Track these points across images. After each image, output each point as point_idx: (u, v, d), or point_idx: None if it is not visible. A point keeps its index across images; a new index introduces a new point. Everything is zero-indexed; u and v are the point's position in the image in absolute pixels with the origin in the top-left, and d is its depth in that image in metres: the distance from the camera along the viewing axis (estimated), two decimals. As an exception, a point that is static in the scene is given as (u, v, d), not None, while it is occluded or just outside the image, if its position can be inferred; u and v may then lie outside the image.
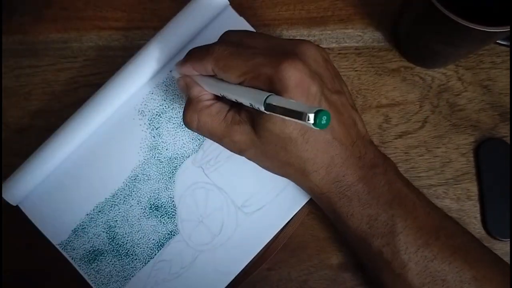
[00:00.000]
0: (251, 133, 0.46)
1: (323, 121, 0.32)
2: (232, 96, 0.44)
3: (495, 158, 0.55)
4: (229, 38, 0.48)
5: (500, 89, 0.57)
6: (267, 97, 0.37)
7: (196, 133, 0.54)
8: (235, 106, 0.47)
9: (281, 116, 0.35)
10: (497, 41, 0.54)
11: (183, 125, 0.54)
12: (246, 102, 0.41)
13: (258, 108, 0.39)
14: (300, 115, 0.33)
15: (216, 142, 0.49)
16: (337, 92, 0.47)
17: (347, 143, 0.46)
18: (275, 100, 0.37)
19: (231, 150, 0.49)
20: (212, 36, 0.54)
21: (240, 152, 0.48)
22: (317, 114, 0.32)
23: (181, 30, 0.54)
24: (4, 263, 0.56)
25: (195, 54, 0.47)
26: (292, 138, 0.44)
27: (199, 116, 0.47)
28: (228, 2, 0.55)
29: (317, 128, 0.32)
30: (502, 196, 0.54)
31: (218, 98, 0.48)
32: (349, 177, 0.46)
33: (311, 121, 0.32)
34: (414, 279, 0.45)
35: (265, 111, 0.37)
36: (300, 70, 0.42)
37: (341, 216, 0.47)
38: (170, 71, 0.55)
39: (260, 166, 0.50)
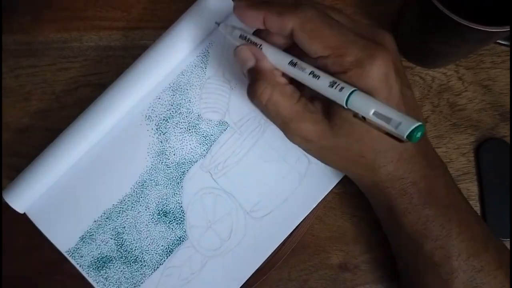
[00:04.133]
0: (323, 123, 0.42)
1: (418, 135, 0.31)
2: (311, 83, 0.41)
3: (495, 158, 0.56)
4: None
5: (500, 89, 0.58)
6: (352, 92, 0.36)
7: (202, 137, 0.54)
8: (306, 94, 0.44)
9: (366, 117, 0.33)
10: (497, 41, 0.54)
11: (191, 130, 0.53)
12: (325, 92, 0.39)
13: (338, 102, 0.37)
14: (395, 126, 0.32)
15: (279, 126, 0.44)
16: (408, 86, 0.45)
17: None
18: (361, 98, 0.35)
19: (293, 139, 0.45)
20: (218, 39, 0.54)
21: (305, 142, 0.44)
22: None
23: (186, 34, 0.53)
24: (4, 264, 0.55)
25: (274, 5, 0.41)
26: (370, 128, 0.41)
27: (273, 91, 0.42)
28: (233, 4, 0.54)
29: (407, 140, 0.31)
30: (502, 196, 0.55)
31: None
32: (414, 174, 0.44)
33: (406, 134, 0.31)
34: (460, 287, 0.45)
35: (351, 110, 0.35)
36: (389, 65, 0.40)
37: (397, 213, 0.46)
38: (217, 24, 0.50)
39: (320, 160, 0.47)
